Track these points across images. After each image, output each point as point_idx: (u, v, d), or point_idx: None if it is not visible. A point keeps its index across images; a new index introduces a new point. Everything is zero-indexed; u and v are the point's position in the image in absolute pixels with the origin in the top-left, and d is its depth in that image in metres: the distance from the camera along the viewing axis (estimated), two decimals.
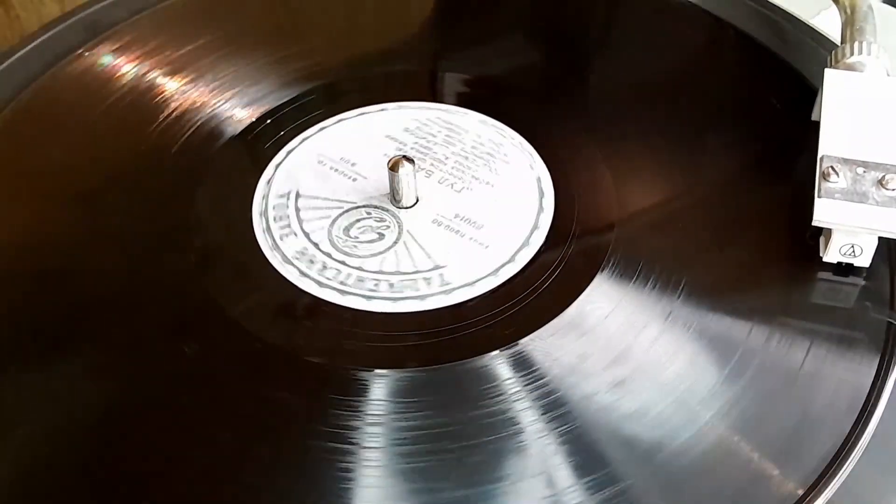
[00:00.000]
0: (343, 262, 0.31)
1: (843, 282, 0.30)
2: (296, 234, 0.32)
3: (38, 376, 0.28)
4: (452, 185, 0.33)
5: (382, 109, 0.36)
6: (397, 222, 0.32)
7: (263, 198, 0.33)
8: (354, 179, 0.33)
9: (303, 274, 0.30)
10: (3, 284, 0.31)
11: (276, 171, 0.34)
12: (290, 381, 0.28)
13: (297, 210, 0.33)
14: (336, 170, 0.34)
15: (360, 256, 0.31)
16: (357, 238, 0.31)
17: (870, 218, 0.29)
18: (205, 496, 0.26)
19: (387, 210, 0.32)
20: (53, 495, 0.26)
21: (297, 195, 0.33)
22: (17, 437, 0.27)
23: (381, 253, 0.31)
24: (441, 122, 0.35)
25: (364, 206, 0.33)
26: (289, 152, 0.35)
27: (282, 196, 0.33)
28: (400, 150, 0.34)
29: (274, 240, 0.32)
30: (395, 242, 0.31)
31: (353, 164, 0.34)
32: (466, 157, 0.34)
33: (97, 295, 0.30)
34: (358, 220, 0.32)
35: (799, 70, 0.37)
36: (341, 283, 0.30)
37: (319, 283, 0.30)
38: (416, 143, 0.35)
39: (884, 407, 0.27)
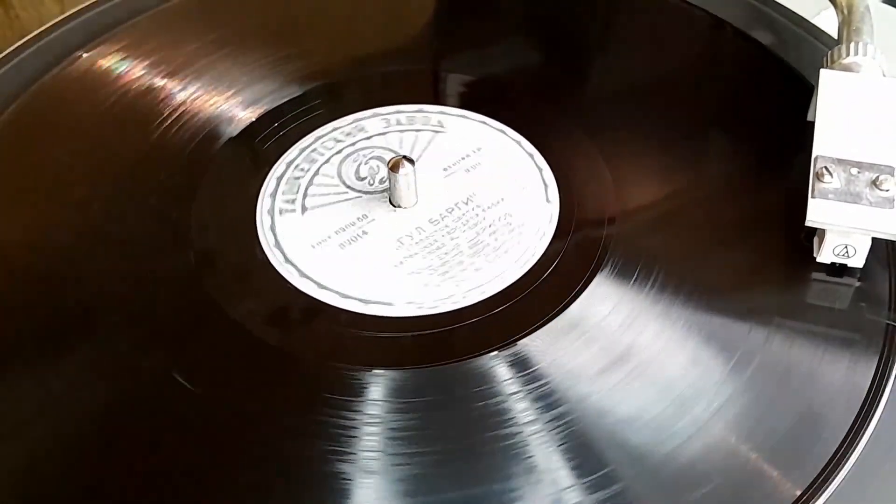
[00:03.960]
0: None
1: (838, 282, 0.30)
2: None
3: (38, 377, 0.28)
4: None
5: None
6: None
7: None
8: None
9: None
10: (3, 284, 0.31)
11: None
12: (290, 381, 0.28)
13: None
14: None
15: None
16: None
17: (863, 218, 0.29)
18: (204, 496, 0.26)
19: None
20: (53, 495, 0.26)
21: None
22: (17, 438, 0.27)
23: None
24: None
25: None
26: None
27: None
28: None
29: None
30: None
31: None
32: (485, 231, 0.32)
33: (97, 295, 0.30)
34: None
35: (798, 70, 0.37)
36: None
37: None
38: None
39: (883, 407, 0.27)
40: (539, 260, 0.31)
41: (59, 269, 0.31)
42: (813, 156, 0.31)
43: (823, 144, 0.31)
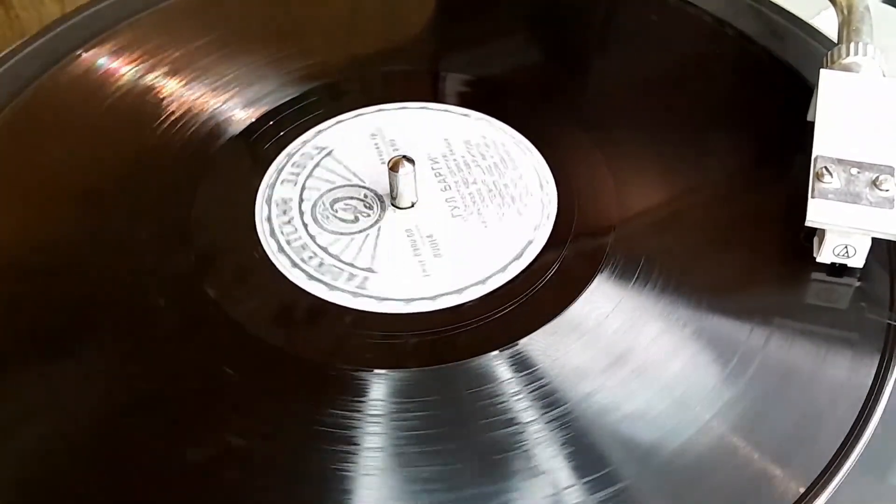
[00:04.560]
0: (312, 236, 0.31)
1: (838, 283, 0.30)
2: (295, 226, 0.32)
3: (38, 376, 0.29)
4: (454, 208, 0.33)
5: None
6: (380, 216, 0.32)
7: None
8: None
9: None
10: (3, 284, 0.31)
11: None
12: (290, 381, 0.28)
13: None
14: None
15: (329, 232, 0.32)
16: (335, 214, 0.32)
17: (863, 219, 0.29)
18: (204, 496, 0.26)
19: (380, 204, 0.33)
20: (53, 495, 0.26)
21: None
22: (17, 438, 0.27)
23: (345, 234, 0.32)
24: (501, 147, 0.35)
25: (365, 189, 0.33)
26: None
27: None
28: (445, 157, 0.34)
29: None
30: (364, 231, 0.32)
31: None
32: (490, 191, 0.33)
33: (98, 295, 0.30)
34: (349, 198, 0.32)
35: (798, 70, 0.37)
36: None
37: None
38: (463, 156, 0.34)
39: (884, 407, 0.27)
40: (540, 260, 0.31)
41: (58, 269, 0.31)
42: (813, 156, 0.31)
43: (823, 144, 0.31)
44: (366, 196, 0.33)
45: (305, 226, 0.32)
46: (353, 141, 0.35)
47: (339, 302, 0.30)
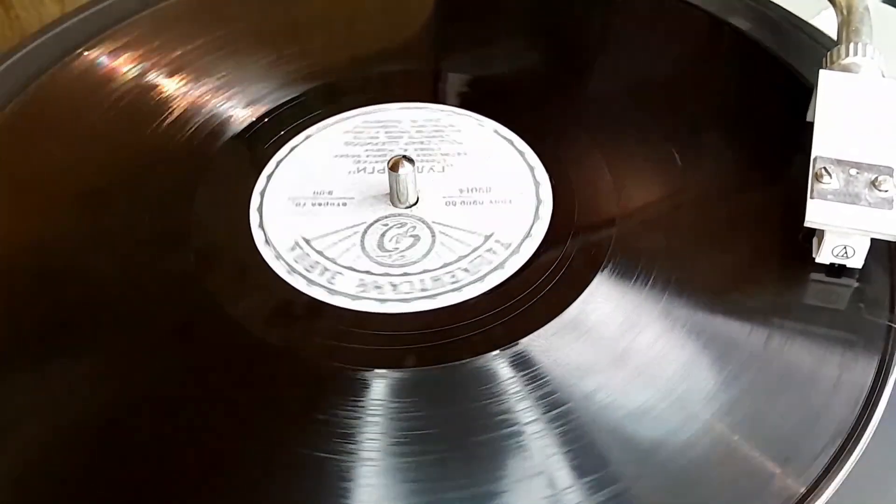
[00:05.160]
0: (392, 274, 0.31)
1: (837, 283, 0.30)
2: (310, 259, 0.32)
3: (37, 376, 0.29)
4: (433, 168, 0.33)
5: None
6: (418, 220, 0.32)
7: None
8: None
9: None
10: (2, 284, 0.31)
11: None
12: (290, 381, 0.28)
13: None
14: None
15: (407, 264, 0.31)
16: (396, 248, 0.32)
17: (862, 219, 0.29)
18: (204, 496, 0.26)
19: (404, 214, 0.33)
20: (53, 495, 0.26)
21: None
22: (17, 438, 0.27)
23: (426, 254, 0.31)
24: (439, 123, 0.35)
25: (380, 219, 0.33)
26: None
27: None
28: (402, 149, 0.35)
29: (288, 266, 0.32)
30: (433, 238, 0.32)
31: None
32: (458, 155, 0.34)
33: (97, 295, 0.30)
34: (385, 232, 0.32)
35: (798, 70, 0.37)
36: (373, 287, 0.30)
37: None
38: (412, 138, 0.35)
39: (884, 407, 0.27)
40: (540, 259, 0.31)
41: (58, 268, 0.31)
42: (812, 156, 0.31)
43: (822, 145, 0.31)
44: (387, 224, 0.33)
45: (372, 272, 0.32)
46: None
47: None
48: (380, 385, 0.28)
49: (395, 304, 0.30)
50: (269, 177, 0.34)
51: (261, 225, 0.32)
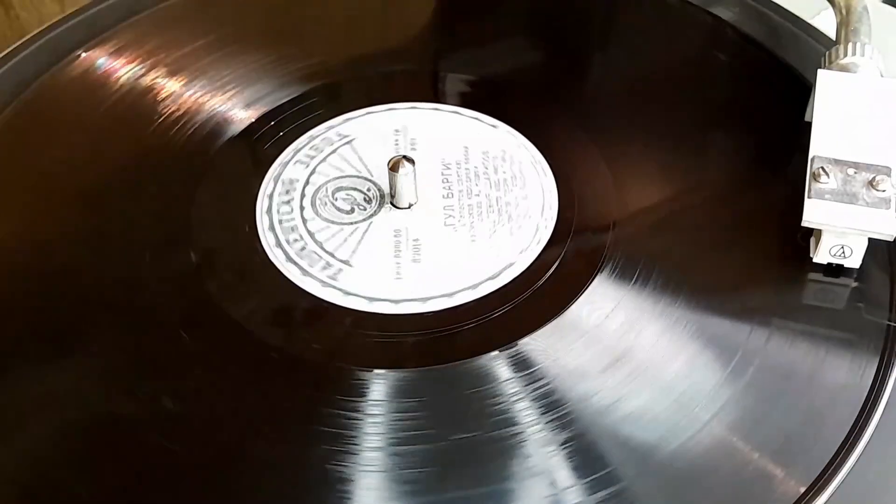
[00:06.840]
0: (305, 220, 0.31)
1: (836, 283, 0.30)
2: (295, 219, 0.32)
3: (37, 376, 0.29)
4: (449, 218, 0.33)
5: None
6: (375, 212, 0.32)
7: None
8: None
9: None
10: (3, 284, 0.31)
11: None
12: (290, 381, 0.28)
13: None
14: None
15: (321, 218, 0.32)
16: (334, 202, 0.32)
17: (859, 219, 0.29)
18: (205, 497, 0.26)
19: (380, 200, 0.33)
20: (53, 494, 0.26)
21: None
22: (16, 437, 0.27)
23: (339, 224, 0.32)
24: (517, 165, 0.34)
25: (370, 183, 0.33)
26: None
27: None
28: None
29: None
30: (355, 224, 0.32)
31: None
32: (489, 206, 0.33)
33: (98, 295, 0.30)
34: (352, 189, 0.32)
35: (798, 70, 0.37)
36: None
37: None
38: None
39: (884, 407, 0.27)
40: (540, 260, 0.31)
41: (58, 269, 0.31)
42: (810, 156, 0.31)
43: (820, 145, 0.31)
44: (368, 190, 0.33)
45: (302, 209, 0.32)
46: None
47: (309, 289, 0.30)
48: (380, 386, 0.28)
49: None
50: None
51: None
